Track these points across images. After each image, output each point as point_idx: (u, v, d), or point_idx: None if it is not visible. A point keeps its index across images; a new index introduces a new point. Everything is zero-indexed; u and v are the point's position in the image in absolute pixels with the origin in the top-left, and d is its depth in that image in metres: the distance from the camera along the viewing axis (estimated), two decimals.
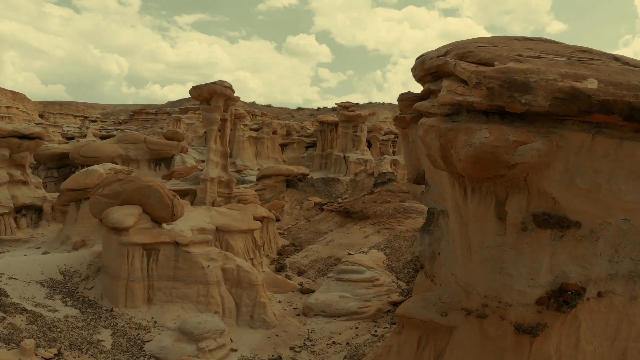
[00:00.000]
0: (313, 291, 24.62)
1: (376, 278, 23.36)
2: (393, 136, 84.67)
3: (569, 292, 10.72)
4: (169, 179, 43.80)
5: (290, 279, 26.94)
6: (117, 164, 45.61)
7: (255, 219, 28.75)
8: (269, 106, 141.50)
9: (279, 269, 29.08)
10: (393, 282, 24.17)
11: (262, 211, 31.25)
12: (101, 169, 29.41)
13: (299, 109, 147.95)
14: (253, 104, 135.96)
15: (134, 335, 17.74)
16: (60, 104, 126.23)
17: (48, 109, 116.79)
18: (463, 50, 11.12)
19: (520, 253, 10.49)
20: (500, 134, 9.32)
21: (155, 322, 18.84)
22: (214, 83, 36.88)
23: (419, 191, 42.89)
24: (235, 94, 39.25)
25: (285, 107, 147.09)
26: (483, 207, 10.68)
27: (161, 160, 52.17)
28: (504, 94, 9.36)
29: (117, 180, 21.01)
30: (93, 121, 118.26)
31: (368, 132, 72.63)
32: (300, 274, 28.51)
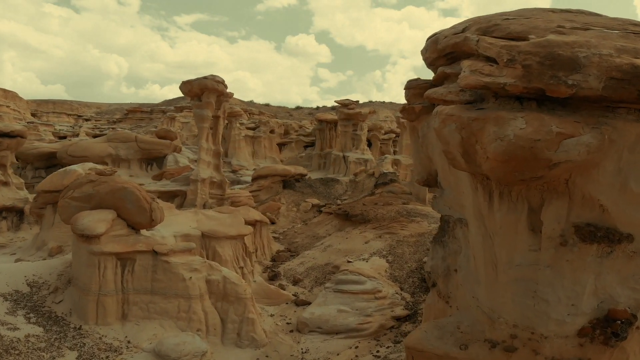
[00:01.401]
0: (309, 303, 22.69)
1: (378, 289, 21.34)
2: (394, 135, 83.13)
3: (619, 321, 8.79)
4: (160, 179, 41.87)
5: (284, 289, 24.96)
6: (106, 163, 43.73)
7: (247, 222, 26.67)
8: (267, 105, 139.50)
9: (272, 278, 27.11)
10: (397, 293, 22.12)
11: (255, 214, 29.19)
12: (80, 168, 27.23)
13: (298, 107, 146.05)
14: (251, 102, 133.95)
15: (102, 358, 15.62)
16: (54, 102, 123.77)
17: (41, 108, 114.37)
18: (487, 24, 9.17)
19: (559, 273, 8.78)
20: (540, 125, 7.42)
21: (128, 342, 16.71)
22: (205, 78, 34.81)
23: (422, 192, 40.59)
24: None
25: (283, 106, 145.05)
26: (513, 216, 8.86)
27: (153, 159, 50.15)
28: (545, 73, 7.48)
29: (88, 182, 18.83)
30: (87, 120, 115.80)
31: (368, 131, 70.78)
32: (295, 283, 26.52)
